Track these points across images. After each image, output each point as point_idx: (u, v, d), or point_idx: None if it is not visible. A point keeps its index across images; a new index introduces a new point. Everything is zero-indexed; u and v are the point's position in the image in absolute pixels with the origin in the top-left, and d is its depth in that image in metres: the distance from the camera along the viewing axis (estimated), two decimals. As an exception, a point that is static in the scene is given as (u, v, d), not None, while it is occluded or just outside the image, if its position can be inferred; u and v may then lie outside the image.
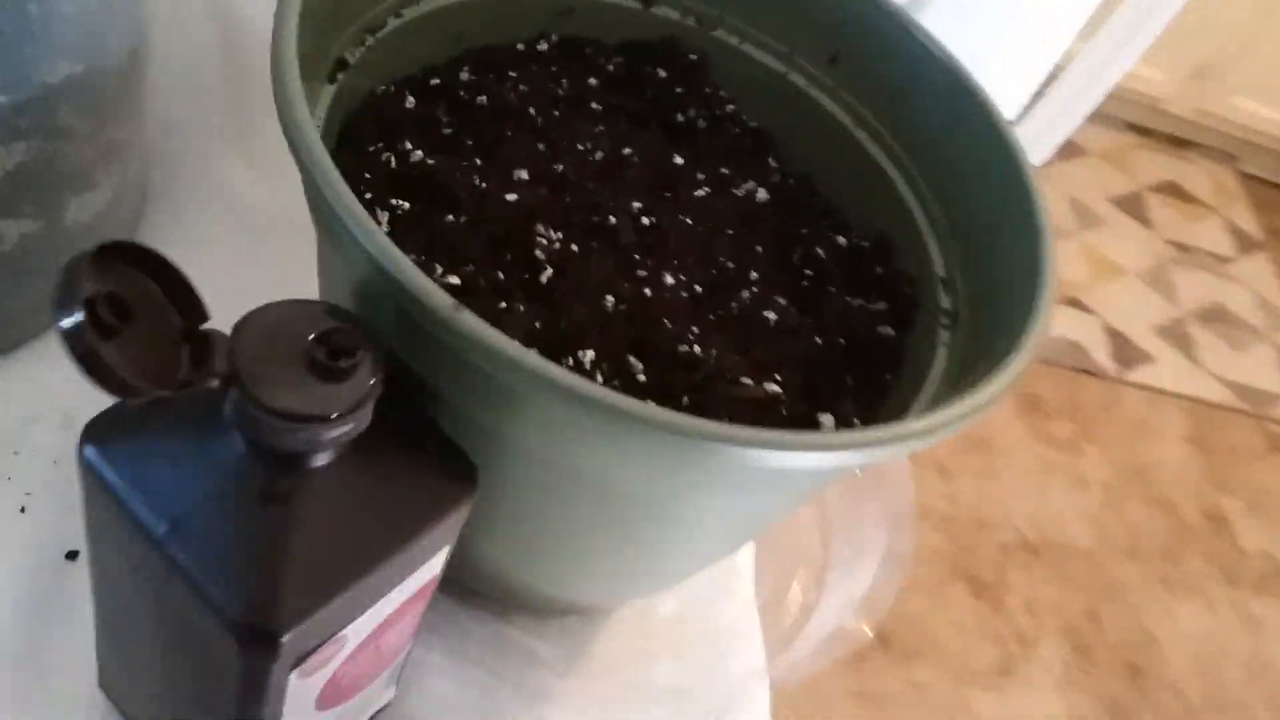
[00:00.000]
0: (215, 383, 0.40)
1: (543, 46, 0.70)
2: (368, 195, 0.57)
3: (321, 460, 0.43)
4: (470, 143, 0.63)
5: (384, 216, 0.57)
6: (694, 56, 0.71)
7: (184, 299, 0.41)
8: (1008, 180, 0.60)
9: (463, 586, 0.66)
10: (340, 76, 0.56)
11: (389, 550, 0.45)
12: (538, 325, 0.56)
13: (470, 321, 0.41)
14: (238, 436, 0.42)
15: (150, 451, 0.43)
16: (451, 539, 0.50)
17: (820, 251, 0.66)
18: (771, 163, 0.72)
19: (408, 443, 0.48)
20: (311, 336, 0.41)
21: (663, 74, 0.71)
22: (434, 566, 0.51)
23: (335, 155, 0.58)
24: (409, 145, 0.60)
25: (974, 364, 0.56)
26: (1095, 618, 2.66)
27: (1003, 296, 0.57)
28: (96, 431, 0.43)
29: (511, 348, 0.41)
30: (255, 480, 0.42)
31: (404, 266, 0.41)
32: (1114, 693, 2.51)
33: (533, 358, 0.41)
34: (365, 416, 0.42)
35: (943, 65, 0.64)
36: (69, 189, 0.67)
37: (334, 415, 0.40)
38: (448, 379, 0.46)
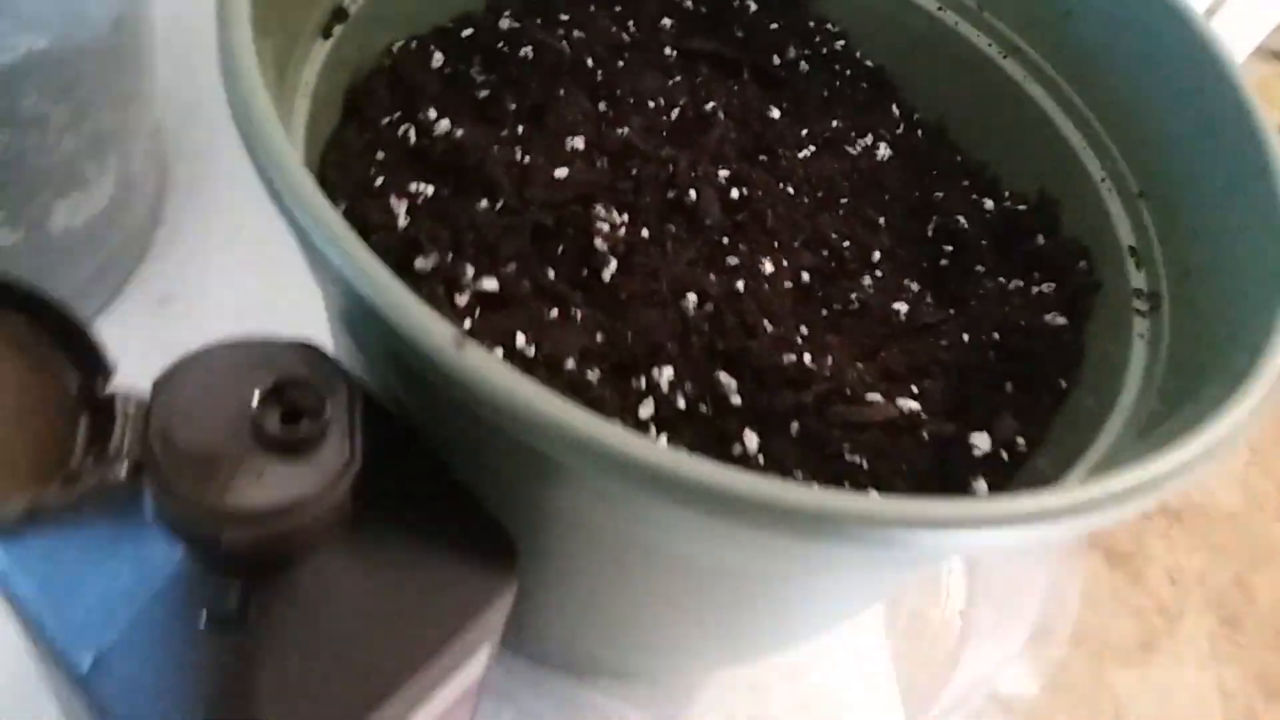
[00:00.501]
0: (120, 471, 0.28)
1: (600, -16, 0.56)
2: (379, 180, 0.44)
3: (291, 562, 0.30)
4: (513, 107, 0.50)
5: (401, 206, 0.44)
6: None
7: (79, 351, 0.29)
8: (1220, 109, 0.45)
9: (529, 653, 0.53)
10: (338, 30, 0.44)
11: (401, 673, 0.33)
12: (599, 337, 0.43)
13: (480, 365, 0.28)
14: (170, 540, 0.30)
15: (72, 557, 0.32)
16: (492, 636, 0.38)
17: (962, 220, 0.51)
18: (894, 110, 0.57)
19: (421, 515, 0.36)
20: (259, 393, 0.29)
21: (753, 6, 0.57)
22: (471, 671, 0.38)
23: (339, 132, 0.46)
24: (433, 114, 0.47)
25: (1192, 361, 0.41)
26: (1245, 585, 2.44)
27: (1228, 269, 0.42)
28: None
29: (541, 402, 0.28)
30: (197, 597, 0.30)
31: (377, 278, 0.29)
32: (1267, 666, 2.30)
33: (573, 417, 0.28)
34: (338, 499, 0.29)
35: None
36: (51, 190, 0.56)
37: (289, 506, 0.28)
38: (466, 439, 0.33)
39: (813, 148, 0.53)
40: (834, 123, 0.55)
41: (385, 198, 0.45)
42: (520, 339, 0.43)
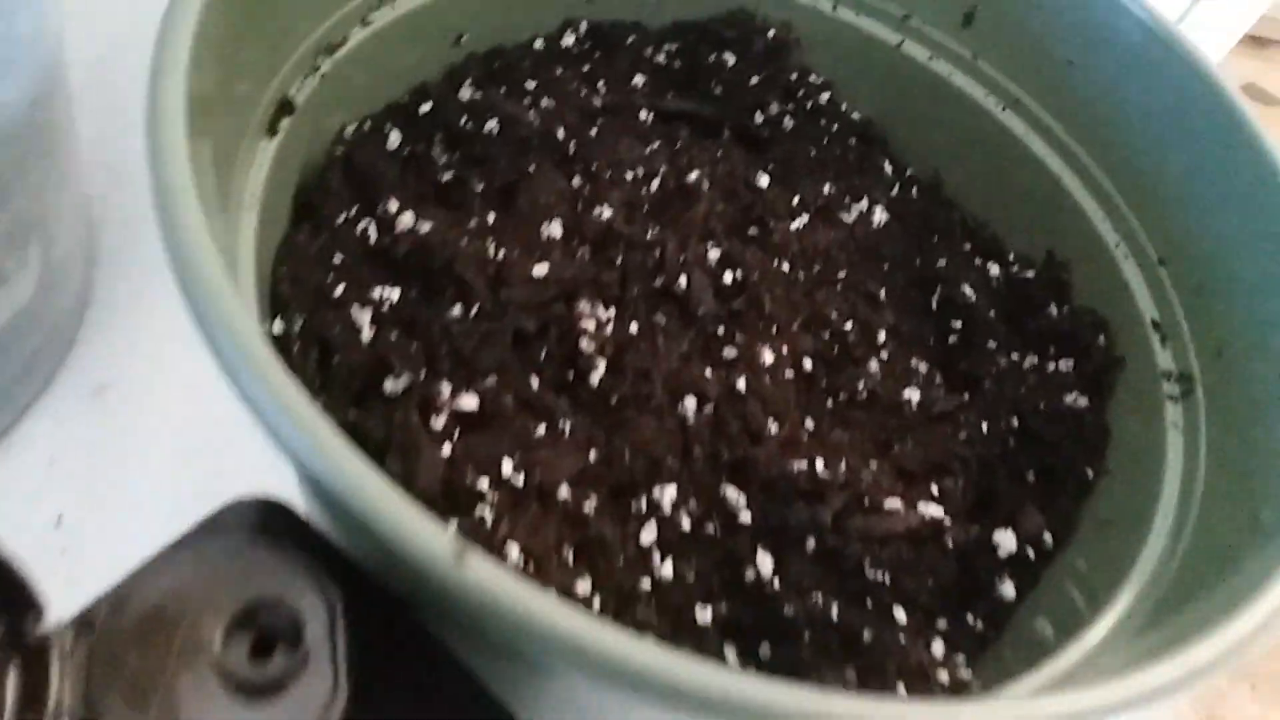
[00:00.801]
0: (60, 734, 0.23)
1: (569, 40, 0.52)
2: (339, 288, 0.40)
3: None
4: (480, 188, 0.45)
5: (364, 316, 0.40)
6: (772, 32, 0.53)
7: (3, 588, 0.24)
8: (1244, 171, 0.42)
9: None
10: (285, 123, 0.39)
11: None
12: (592, 455, 0.39)
13: (484, 581, 0.24)
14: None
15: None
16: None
17: (968, 290, 0.48)
18: (886, 168, 0.53)
19: (421, 699, 0.32)
20: (224, 623, 0.24)
21: (731, 60, 0.53)
22: None
23: (291, 237, 0.41)
24: (394, 206, 0.42)
25: (1239, 462, 0.38)
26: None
27: (1266, 351, 0.39)
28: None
29: (548, 616, 0.24)
30: None
31: (364, 486, 0.25)
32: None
33: (583, 632, 0.24)
34: (325, 740, 0.25)
35: (1127, 12, 0.45)
36: (-34, 292, 0.51)
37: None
38: (464, 627, 0.29)
39: (805, 216, 0.49)
40: (825, 187, 0.51)
41: (346, 308, 0.41)
42: (507, 466, 0.39)
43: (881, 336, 0.47)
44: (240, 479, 0.52)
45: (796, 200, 0.50)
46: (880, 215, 0.51)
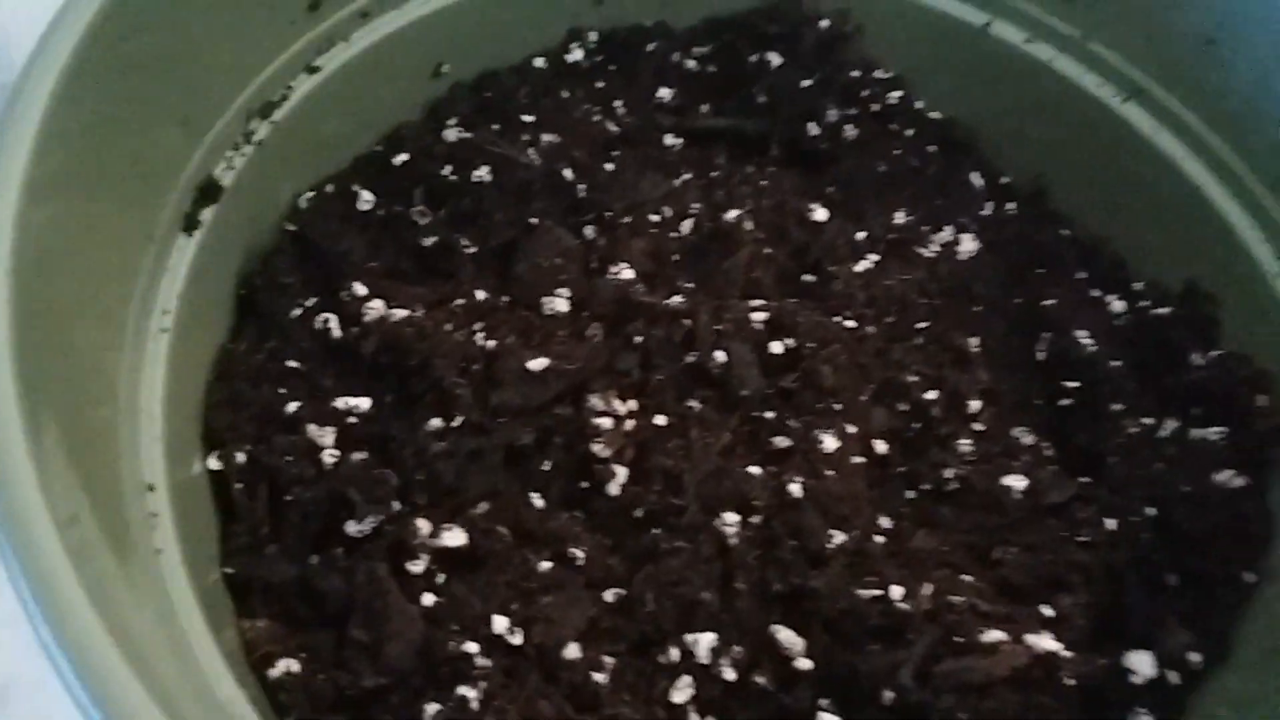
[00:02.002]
0: None
1: (576, 55, 0.44)
2: (293, 404, 0.34)
3: None
4: (471, 253, 0.38)
5: (326, 436, 0.34)
6: (825, 23, 0.44)
7: None
8: None
9: None
10: (209, 213, 0.32)
11: None
12: (609, 596, 0.32)
13: None
14: None
15: None
16: None
17: (1083, 338, 0.40)
18: (975, 180, 0.44)
19: None
20: None
21: (777, 60, 0.45)
22: None
23: (228, 349, 0.35)
24: (360, 290, 0.36)
25: None
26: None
27: None
28: None
29: None
30: None
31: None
32: None
33: None
34: None
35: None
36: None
37: None
38: None
39: (874, 257, 0.41)
40: (899, 214, 0.43)
41: (302, 429, 0.35)
42: (500, 623, 0.32)
43: (974, 405, 0.39)
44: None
45: (863, 235, 0.42)
46: (969, 244, 0.42)
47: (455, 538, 0.33)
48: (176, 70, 0.32)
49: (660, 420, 0.37)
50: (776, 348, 0.38)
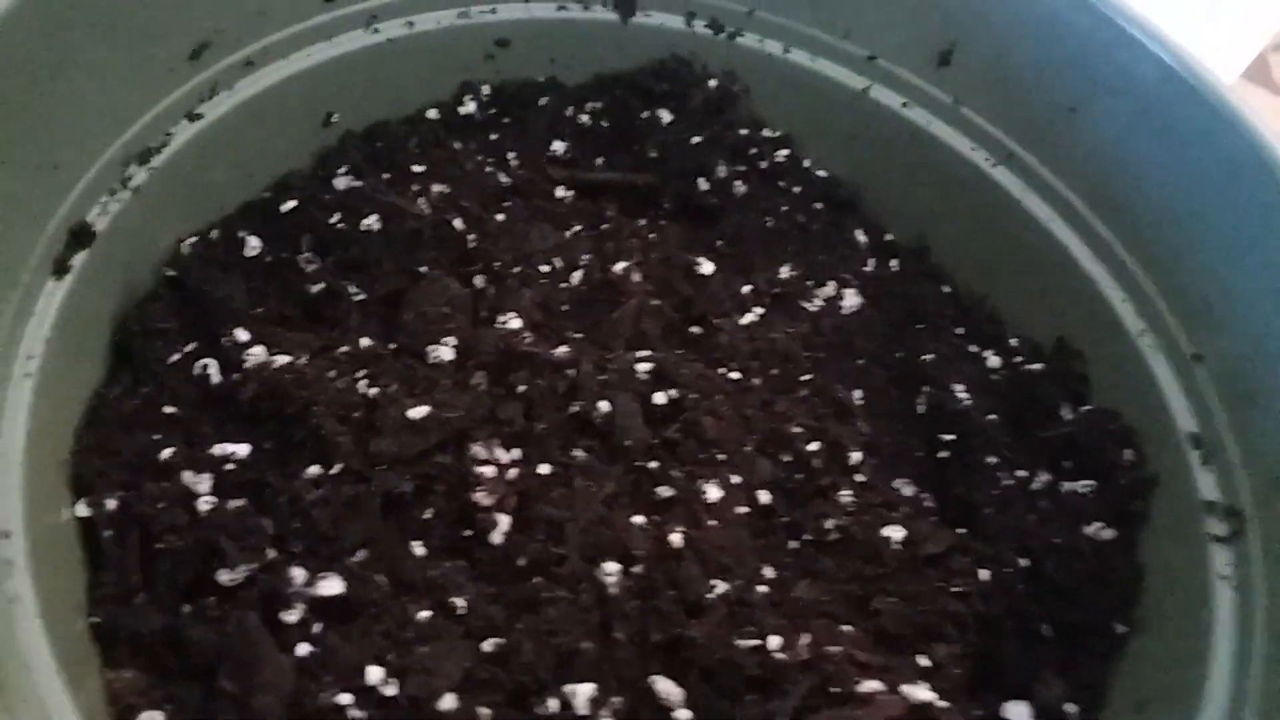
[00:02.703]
0: None
1: (469, 107, 0.45)
2: (168, 450, 0.33)
3: None
4: (358, 300, 0.38)
5: (203, 483, 0.34)
6: (714, 82, 0.45)
7: None
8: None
9: None
10: (82, 258, 0.32)
11: None
12: (488, 646, 0.32)
13: None
14: None
15: None
16: None
17: (960, 392, 0.41)
18: (860, 237, 0.46)
19: None
20: None
21: (667, 116, 0.46)
22: None
23: (101, 394, 0.34)
24: (242, 336, 0.36)
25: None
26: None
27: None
28: None
29: None
30: None
31: None
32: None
33: None
34: None
35: (1141, 48, 0.38)
36: None
37: None
38: None
39: (759, 310, 0.42)
40: (784, 268, 0.44)
41: (176, 475, 0.34)
42: (375, 673, 0.32)
43: (856, 456, 0.40)
44: None
45: (748, 288, 0.43)
46: (852, 299, 0.44)
47: (332, 586, 0.33)
48: (45, 113, 0.31)
49: (543, 469, 0.37)
50: (660, 398, 0.39)
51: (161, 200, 0.36)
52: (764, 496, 0.39)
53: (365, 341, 0.38)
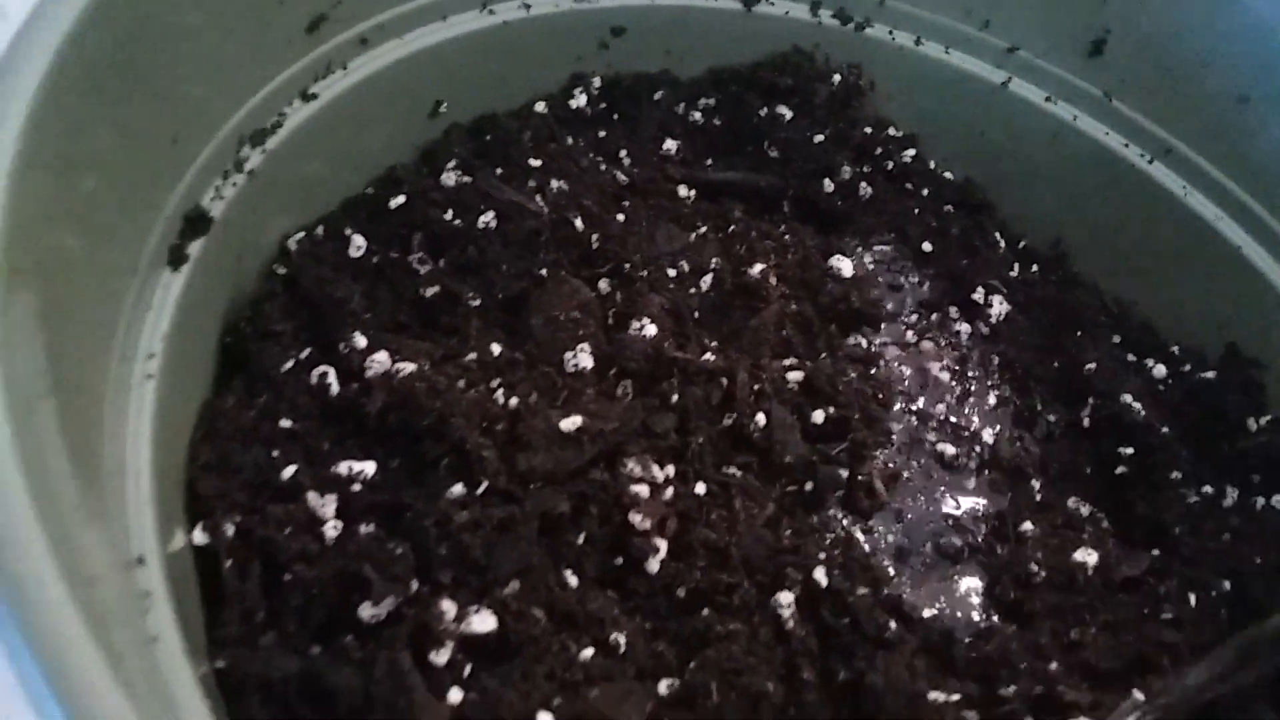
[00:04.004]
0: None
1: (579, 100, 0.41)
2: (289, 469, 0.29)
3: None
4: (476, 305, 0.34)
5: (327, 506, 0.29)
6: (838, 77, 0.42)
7: None
8: None
9: None
10: (197, 247, 0.28)
11: None
12: (662, 689, 0.28)
13: None
14: None
15: None
16: None
17: (1131, 401, 0.37)
18: (996, 238, 0.43)
19: None
20: None
21: (788, 113, 0.43)
22: None
23: (214, 404, 0.30)
24: (360, 342, 0.31)
25: None
26: None
27: None
28: None
29: None
30: None
31: None
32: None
33: None
34: None
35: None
36: None
37: None
38: None
39: (905, 319, 0.39)
40: (925, 275, 0.41)
41: (300, 497, 0.30)
42: (546, 720, 0.27)
43: (1035, 484, 0.36)
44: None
45: (892, 295, 0.40)
46: (1000, 307, 0.41)
47: (484, 622, 0.29)
48: (167, 81, 0.28)
49: (700, 488, 0.33)
50: (818, 416, 0.35)
51: (272, 188, 0.32)
52: (948, 507, 0.35)
53: (494, 348, 0.34)
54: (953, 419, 0.37)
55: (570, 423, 0.32)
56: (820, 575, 0.32)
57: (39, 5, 0.25)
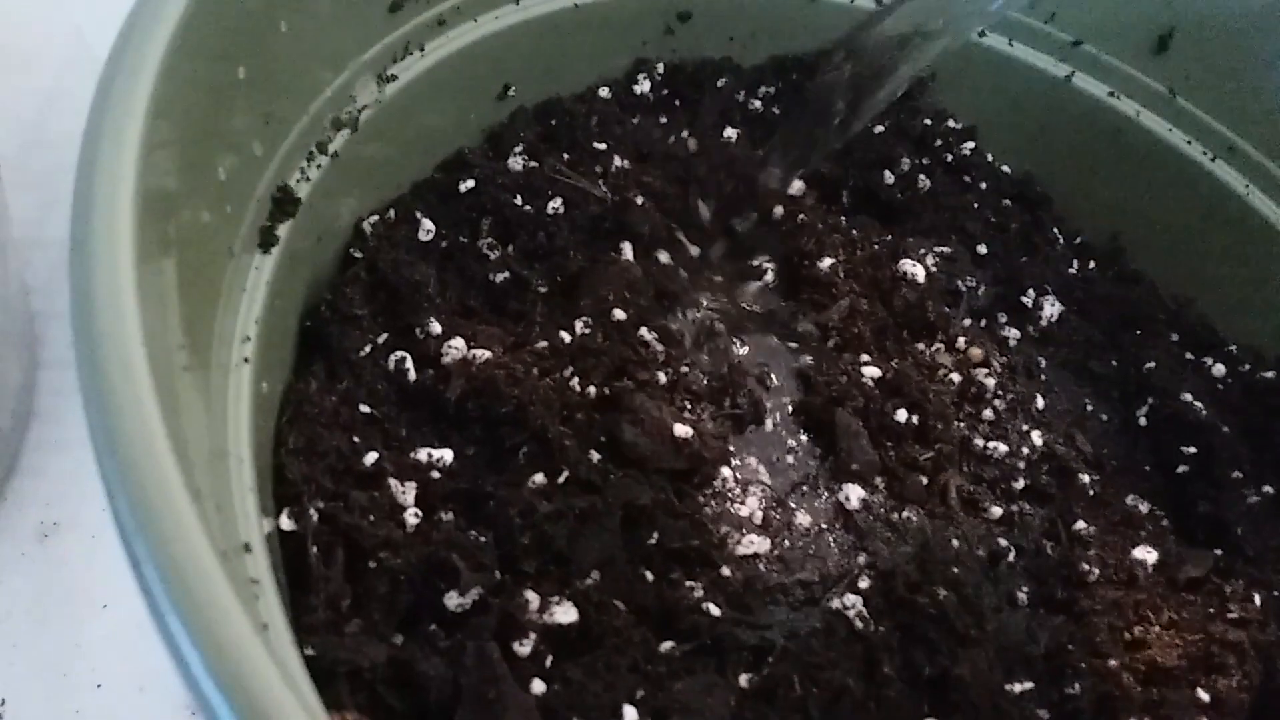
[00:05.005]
0: None
1: (643, 86, 0.41)
2: (370, 455, 0.29)
3: None
4: (543, 291, 0.34)
5: (408, 493, 0.29)
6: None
7: None
8: None
9: None
10: (286, 229, 0.28)
11: None
12: (743, 681, 0.28)
13: None
14: None
15: None
16: None
17: (1191, 400, 0.37)
18: (1055, 233, 0.43)
19: None
20: None
21: (843, 105, 0.42)
22: None
23: (296, 387, 0.30)
24: (436, 328, 0.31)
25: None
26: None
27: None
28: None
29: None
30: None
31: None
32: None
33: None
34: None
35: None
36: None
37: None
38: None
39: (970, 320, 0.39)
40: (988, 272, 0.41)
41: (382, 484, 0.30)
42: (630, 715, 0.27)
43: (1085, 477, 0.36)
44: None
45: (960, 293, 0.40)
46: (1058, 304, 0.40)
47: (566, 613, 0.29)
48: (270, 57, 0.27)
49: (777, 481, 0.33)
50: (900, 415, 0.35)
51: (350, 170, 0.32)
52: (1001, 541, 0.35)
53: (564, 336, 0.34)
54: (1004, 421, 0.37)
55: (651, 413, 0.32)
56: (902, 574, 0.32)
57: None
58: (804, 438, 0.35)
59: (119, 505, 0.17)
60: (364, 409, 0.31)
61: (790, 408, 0.35)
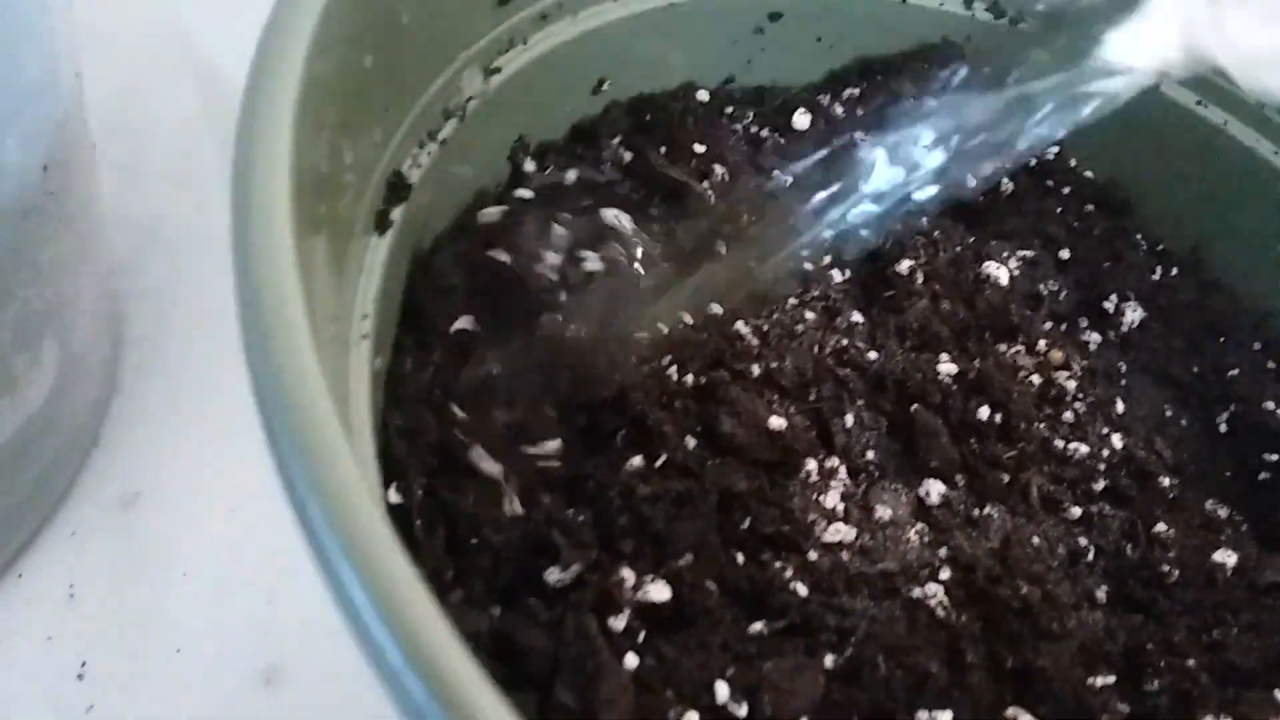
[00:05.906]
0: None
1: (729, 85, 0.42)
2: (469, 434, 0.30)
3: None
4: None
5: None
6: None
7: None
8: None
9: None
10: (399, 212, 0.29)
11: None
12: (830, 660, 0.30)
13: None
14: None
15: None
16: None
17: (1274, 408, 0.38)
18: (1138, 239, 0.43)
19: None
20: None
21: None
22: None
23: (394, 367, 0.31)
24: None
25: None
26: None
27: None
28: None
29: None
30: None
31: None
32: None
33: None
34: None
35: None
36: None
37: None
38: None
39: (1051, 324, 0.39)
40: (1071, 278, 0.41)
41: (482, 465, 0.30)
42: (722, 690, 0.28)
43: (1164, 481, 0.37)
44: (295, 613, 0.42)
45: (1043, 299, 0.40)
46: (1133, 314, 0.41)
47: (660, 591, 0.30)
48: (396, 47, 0.29)
49: (865, 475, 0.34)
50: (983, 413, 0.36)
51: (456, 157, 0.33)
52: (1082, 540, 0.36)
53: (663, 326, 0.35)
54: (1084, 423, 0.38)
55: (746, 401, 0.33)
56: (983, 568, 0.33)
57: None
58: (883, 433, 0.35)
59: (294, 471, 0.18)
60: (457, 415, 0.32)
61: (869, 404, 0.36)
